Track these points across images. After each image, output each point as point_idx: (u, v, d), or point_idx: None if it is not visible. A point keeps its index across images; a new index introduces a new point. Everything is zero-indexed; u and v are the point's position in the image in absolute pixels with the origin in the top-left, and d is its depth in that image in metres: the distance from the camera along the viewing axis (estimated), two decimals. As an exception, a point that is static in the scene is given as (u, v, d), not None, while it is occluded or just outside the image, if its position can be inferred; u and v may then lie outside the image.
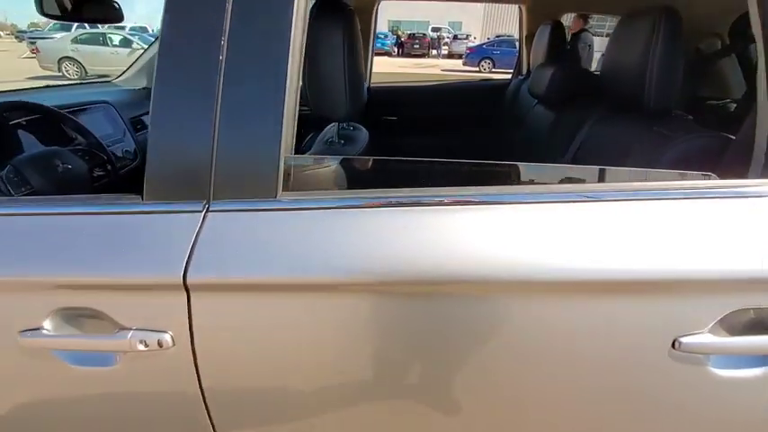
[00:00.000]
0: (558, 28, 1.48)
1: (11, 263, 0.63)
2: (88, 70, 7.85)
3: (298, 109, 0.63)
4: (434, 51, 21.31)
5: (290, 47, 0.59)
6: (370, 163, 0.83)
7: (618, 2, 1.29)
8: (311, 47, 0.71)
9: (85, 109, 1.46)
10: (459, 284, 0.59)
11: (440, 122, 1.97)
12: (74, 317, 0.64)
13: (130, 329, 0.62)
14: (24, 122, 1.17)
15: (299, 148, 0.92)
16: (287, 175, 0.62)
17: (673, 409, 0.65)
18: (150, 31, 15.64)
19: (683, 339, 0.59)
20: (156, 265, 0.60)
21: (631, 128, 0.95)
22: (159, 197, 0.61)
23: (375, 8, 2.05)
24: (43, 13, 1.15)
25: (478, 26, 29.47)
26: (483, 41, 19.57)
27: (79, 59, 10.25)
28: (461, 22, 30.80)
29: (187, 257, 0.59)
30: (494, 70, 13.92)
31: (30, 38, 20.43)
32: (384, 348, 0.65)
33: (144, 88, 2.06)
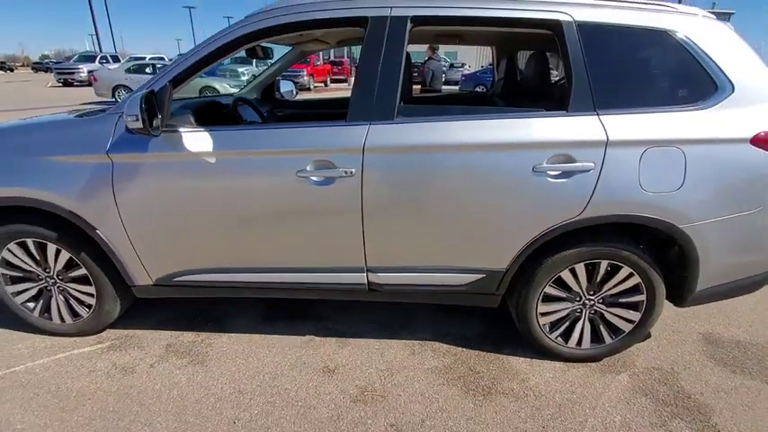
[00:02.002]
0: (510, 60, 2.68)
1: (295, 144, 1.76)
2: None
3: (402, 89, 1.77)
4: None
5: (402, 64, 1.74)
6: (428, 108, 1.92)
7: (533, 47, 2.50)
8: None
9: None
10: (462, 145, 1.71)
11: None
12: (318, 164, 1.76)
13: (340, 167, 1.74)
14: (240, 107, 2.33)
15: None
16: (398, 111, 1.75)
17: (524, 202, 1.74)
18: (167, 60, 17.17)
19: (537, 167, 1.70)
20: (353, 144, 1.73)
21: (532, 103, 2.09)
22: (355, 119, 1.75)
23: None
24: (249, 56, 2.32)
25: (473, 56, 31.46)
26: (477, 69, 21.14)
27: (131, 87, 11.83)
28: (456, 52, 32.79)
29: (364, 141, 1.72)
30: (487, 95, 15.20)
31: (57, 69, 21.94)
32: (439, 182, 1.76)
33: (255, 98, 3.24)
